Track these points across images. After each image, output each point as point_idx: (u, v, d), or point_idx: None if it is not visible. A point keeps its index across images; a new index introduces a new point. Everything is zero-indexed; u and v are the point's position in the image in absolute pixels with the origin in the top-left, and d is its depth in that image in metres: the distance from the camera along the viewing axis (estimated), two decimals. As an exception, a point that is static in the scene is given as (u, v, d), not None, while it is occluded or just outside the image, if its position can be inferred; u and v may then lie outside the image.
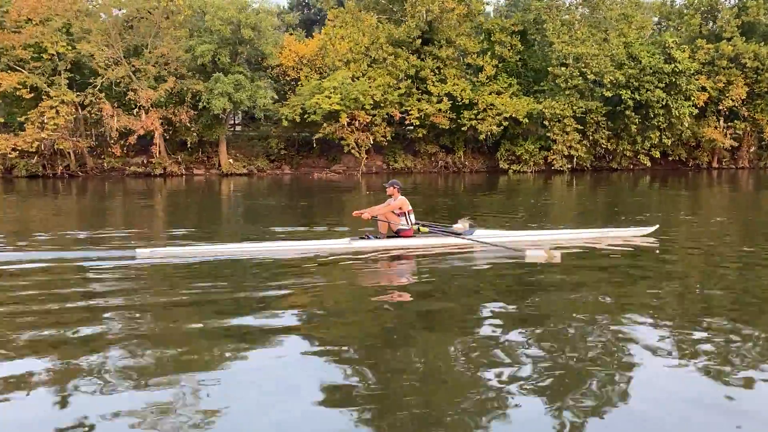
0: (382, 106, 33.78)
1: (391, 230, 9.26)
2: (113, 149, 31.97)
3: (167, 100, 32.03)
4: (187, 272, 7.65)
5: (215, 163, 35.39)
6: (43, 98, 29.70)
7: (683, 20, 40.54)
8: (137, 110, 31.33)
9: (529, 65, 38.46)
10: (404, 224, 9.19)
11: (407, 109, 34.75)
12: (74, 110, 30.49)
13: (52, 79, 30.32)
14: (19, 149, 29.60)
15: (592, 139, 35.85)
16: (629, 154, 36.94)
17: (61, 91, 29.82)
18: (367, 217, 9.15)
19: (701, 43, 36.49)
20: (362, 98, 32.08)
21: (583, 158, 36.01)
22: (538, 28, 37.71)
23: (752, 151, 40.36)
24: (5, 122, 31.46)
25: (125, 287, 6.69)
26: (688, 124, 35.43)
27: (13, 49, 29.15)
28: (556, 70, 34.74)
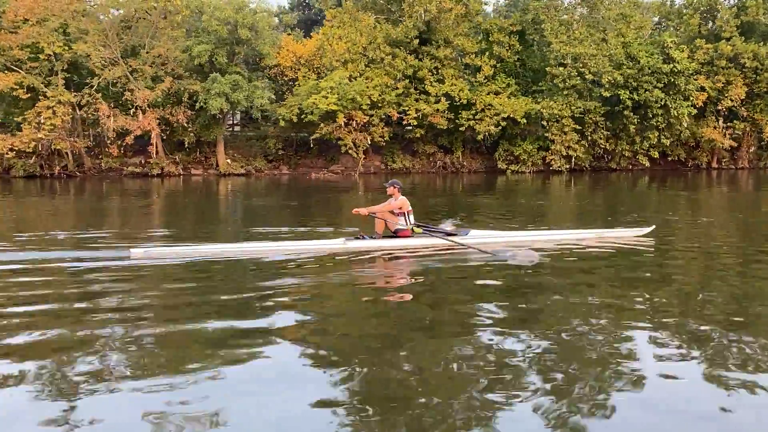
0: (379, 106, 33.71)
1: (388, 230, 9.23)
2: (110, 149, 32.01)
3: (164, 100, 31.98)
4: (181, 272, 7.65)
5: (213, 163, 35.36)
6: (39, 98, 29.69)
7: (682, 20, 40.44)
8: (134, 110, 31.32)
9: (527, 65, 38.35)
10: (402, 224, 9.16)
11: (405, 109, 34.65)
12: (71, 110, 30.47)
13: (48, 79, 30.31)
14: (16, 149, 29.61)
15: (590, 139, 35.73)
16: (628, 154, 36.82)
17: (57, 91, 29.80)
18: (364, 213, 9.17)
19: (700, 43, 36.37)
20: (359, 98, 32.01)
21: (581, 158, 35.89)
22: (536, 28, 37.61)
23: (752, 151, 40.20)
24: (2, 122, 31.53)
25: (118, 287, 6.67)
26: (687, 124, 35.28)
27: (10, 49, 29.15)
28: (554, 70, 34.64)
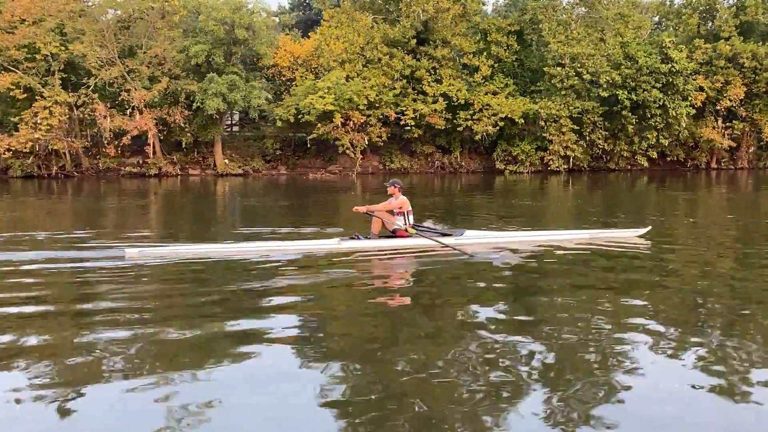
0: (377, 106, 33.67)
1: (386, 230, 9.23)
2: (108, 150, 32.00)
3: (161, 100, 31.98)
4: (175, 272, 7.64)
5: (210, 163, 35.35)
6: (36, 99, 29.71)
7: (681, 20, 40.33)
8: (131, 111, 31.32)
9: (525, 65, 38.26)
10: (401, 224, 9.15)
11: (402, 109, 34.62)
12: (68, 111, 30.47)
13: (45, 79, 30.34)
14: (13, 150, 29.64)
15: (588, 139, 35.62)
16: (626, 154, 36.71)
17: (54, 91, 29.83)
18: (363, 211, 9.19)
19: (699, 42, 36.28)
20: (356, 98, 31.97)
21: (579, 159, 35.81)
22: (534, 28, 37.55)
23: (751, 151, 40.09)
24: (0, 123, 31.50)
25: (112, 287, 6.66)
26: (685, 124, 35.16)
27: (6, 49, 29.18)
28: (552, 70, 34.56)
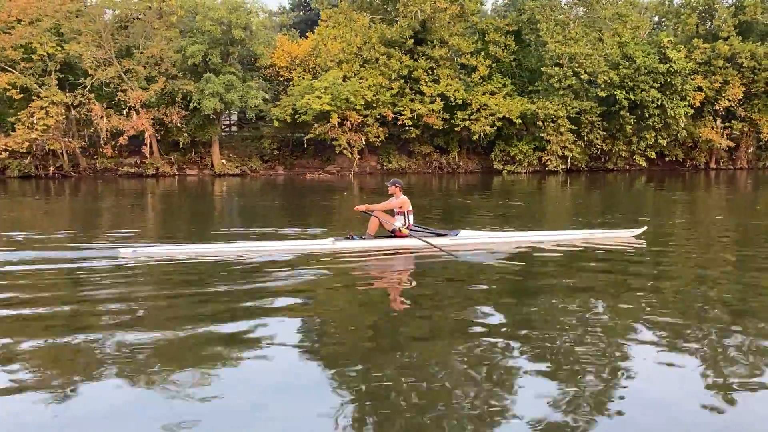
0: (374, 106, 33.63)
1: (385, 230, 9.23)
2: (104, 150, 32.02)
3: (158, 100, 32.01)
4: (168, 272, 7.62)
5: (208, 163, 35.37)
6: (33, 99, 29.75)
7: (680, 20, 40.22)
8: (127, 111, 31.32)
9: (523, 65, 38.20)
10: (400, 224, 9.14)
11: (400, 109, 34.58)
12: (65, 111, 30.50)
13: (42, 79, 30.38)
14: (9, 150, 29.67)
15: (587, 139, 35.53)
16: (625, 154, 36.60)
17: (51, 91, 29.86)
18: (362, 209, 9.21)
19: (698, 42, 36.19)
20: (353, 99, 31.94)
21: (578, 159, 35.71)
22: (532, 27, 37.45)
23: (750, 151, 39.96)
24: (-3, 123, 31.59)
25: (105, 287, 6.63)
26: (683, 124, 35.05)
27: (3, 50, 29.22)
28: (549, 70, 34.48)
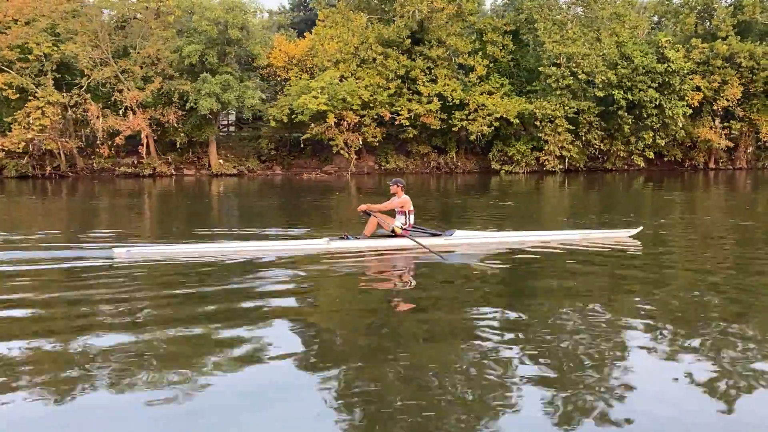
0: (371, 106, 33.59)
1: (385, 230, 9.20)
2: (101, 150, 32.02)
3: (155, 100, 32.00)
4: (163, 272, 7.59)
5: (205, 163, 35.36)
6: (30, 99, 29.76)
7: (679, 19, 40.12)
8: (124, 111, 31.32)
9: (521, 65, 38.11)
10: (401, 224, 9.12)
11: (397, 109, 34.52)
12: (61, 111, 30.52)
13: (38, 79, 30.39)
14: (6, 150, 29.70)
15: (584, 139, 35.45)
16: (623, 154, 36.53)
17: (47, 91, 29.86)
18: (363, 209, 9.19)
19: (696, 42, 36.09)
20: (350, 99, 31.89)
21: (576, 159, 35.63)
22: (530, 27, 37.36)
23: (750, 151, 39.88)
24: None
25: (99, 287, 6.59)
26: (682, 124, 34.96)
27: (-1, 50, 29.28)
28: (547, 70, 34.38)
